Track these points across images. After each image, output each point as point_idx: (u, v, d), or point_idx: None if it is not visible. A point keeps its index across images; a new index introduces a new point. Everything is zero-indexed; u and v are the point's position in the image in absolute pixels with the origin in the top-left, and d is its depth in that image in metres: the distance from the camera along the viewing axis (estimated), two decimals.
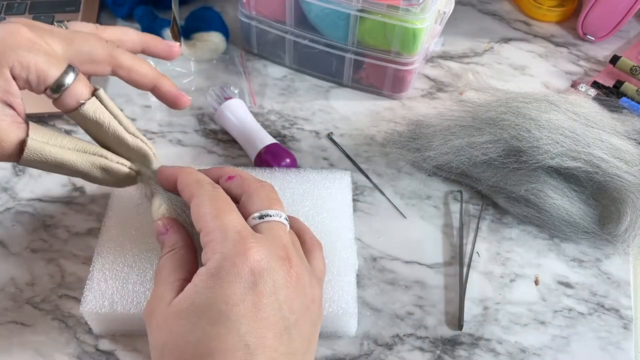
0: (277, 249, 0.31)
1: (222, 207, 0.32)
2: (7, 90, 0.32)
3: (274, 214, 0.33)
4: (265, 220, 0.32)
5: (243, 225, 0.31)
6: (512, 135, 0.47)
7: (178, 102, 0.40)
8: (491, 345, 0.43)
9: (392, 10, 0.51)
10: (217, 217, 0.31)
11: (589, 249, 0.49)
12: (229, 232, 0.30)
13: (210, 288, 0.29)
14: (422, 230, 0.49)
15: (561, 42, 0.67)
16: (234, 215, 0.31)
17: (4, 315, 0.43)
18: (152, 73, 0.39)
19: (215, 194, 0.33)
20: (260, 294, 0.29)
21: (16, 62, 0.32)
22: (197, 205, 0.32)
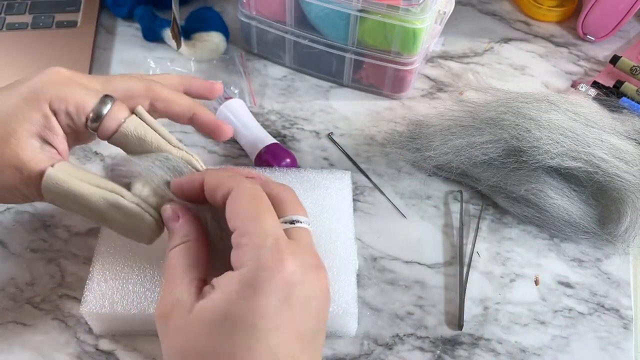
0: (310, 258, 0.30)
1: (261, 207, 0.30)
2: (45, 126, 0.33)
3: (303, 220, 0.32)
4: (296, 226, 0.31)
5: (280, 232, 0.30)
6: (512, 135, 0.47)
7: (219, 131, 0.39)
8: (491, 345, 0.43)
9: (392, 10, 0.51)
10: (255, 220, 0.29)
11: (589, 249, 0.49)
12: (267, 239, 0.29)
13: (245, 299, 0.27)
14: (422, 230, 0.49)
15: (561, 42, 0.67)
16: (273, 219, 0.30)
17: (4, 315, 0.43)
18: (190, 103, 0.39)
19: (254, 190, 0.31)
20: (294, 306, 0.28)
21: (54, 96, 0.33)
22: (235, 201, 0.30)
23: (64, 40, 0.62)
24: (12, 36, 0.63)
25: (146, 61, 0.62)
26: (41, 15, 0.64)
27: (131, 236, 0.34)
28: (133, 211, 0.33)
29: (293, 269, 0.28)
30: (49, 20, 0.64)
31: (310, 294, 0.29)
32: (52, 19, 0.64)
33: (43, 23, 0.64)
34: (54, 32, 0.63)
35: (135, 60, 0.62)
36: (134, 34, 0.65)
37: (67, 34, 0.63)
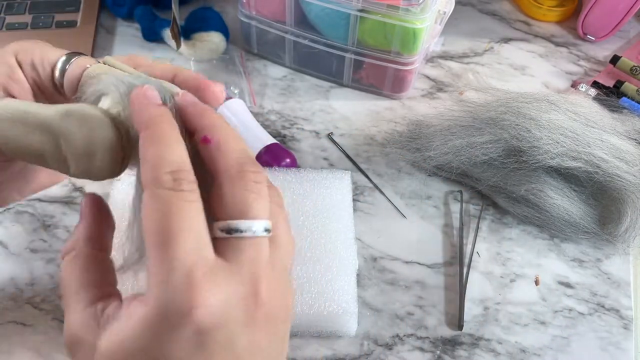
0: (242, 286, 0.23)
1: (175, 224, 0.22)
2: (9, 76, 0.30)
3: (246, 227, 0.24)
4: (234, 236, 0.24)
5: (198, 256, 0.23)
6: (513, 135, 0.47)
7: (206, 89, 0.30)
8: (491, 346, 0.43)
9: (392, 10, 0.51)
10: (163, 244, 0.22)
11: (589, 249, 0.49)
12: (175, 272, 0.22)
13: (147, 345, 0.22)
14: (422, 231, 0.49)
15: (561, 42, 0.67)
16: (189, 240, 0.23)
17: (4, 315, 0.43)
18: (171, 66, 0.32)
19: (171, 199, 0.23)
20: (211, 353, 0.23)
21: (21, 49, 0.31)
22: (144, 212, 0.23)
23: (63, 40, 0.62)
24: (11, 36, 0.63)
25: None
26: (41, 15, 0.64)
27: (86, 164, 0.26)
28: (92, 115, 0.26)
29: (207, 312, 0.22)
30: (49, 20, 0.64)
31: (235, 332, 0.23)
32: (52, 18, 0.64)
33: (43, 23, 0.64)
34: (53, 32, 0.63)
35: None
36: (134, 34, 0.65)
37: (66, 34, 0.63)
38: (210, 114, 0.26)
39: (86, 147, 0.26)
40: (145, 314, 0.22)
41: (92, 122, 0.26)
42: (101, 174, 0.26)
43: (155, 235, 0.23)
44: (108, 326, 0.24)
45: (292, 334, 0.42)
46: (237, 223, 0.24)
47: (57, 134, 0.26)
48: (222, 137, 0.26)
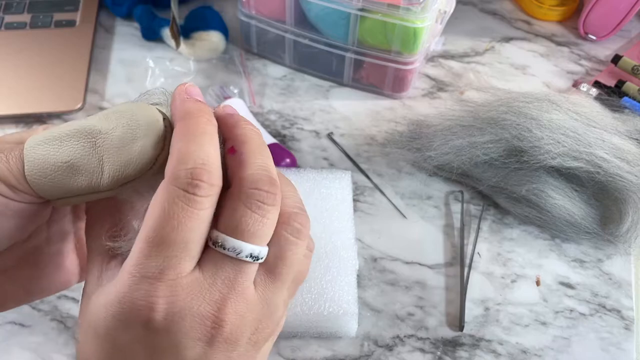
0: (204, 307, 0.23)
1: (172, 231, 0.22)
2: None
3: (230, 246, 0.23)
4: (217, 249, 0.23)
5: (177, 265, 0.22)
6: (514, 135, 0.47)
7: None
8: (492, 346, 0.43)
9: (393, 9, 0.51)
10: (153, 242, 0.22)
11: (590, 249, 0.48)
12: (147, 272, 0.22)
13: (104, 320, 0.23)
14: (422, 231, 0.49)
15: (562, 42, 0.66)
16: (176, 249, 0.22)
17: (2, 316, 0.43)
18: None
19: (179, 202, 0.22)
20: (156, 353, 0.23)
21: None
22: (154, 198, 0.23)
23: (62, 40, 0.62)
24: (10, 35, 0.62)
25: (145, 61, 0.61)
26: (40, 15, 0.64)
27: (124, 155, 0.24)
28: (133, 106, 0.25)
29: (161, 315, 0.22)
30: (48, 20, 0.64)
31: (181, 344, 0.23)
32: (51, 18, 0.64)
33: (42, 22, 0.63)
34: (52, 31, 0.63)
35: (134, 60, 0.62)
36: (133, 33, 0.65)
37: (65, 34, 0.63)
38: (244, 125, 0.26)
39: (126, 135, 0.24)
40: (110, 291, 0.23)
41: (133, 110, 0.25)
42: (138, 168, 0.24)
43: (149, 231, 0.22)
44: (101, 286, 0.24)
45: (292, 334, 0.42)
46: (223, 238, 0.23)
47: (94, 133, 0.24)
48: (248, 149, 0.24)
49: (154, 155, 0.24)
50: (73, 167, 0.24)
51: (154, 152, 0.24)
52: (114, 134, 0.24)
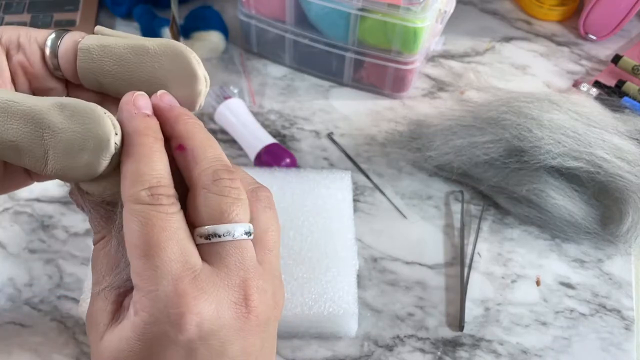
0: (231, 290, 0.24)
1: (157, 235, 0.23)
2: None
3: (224, 231, 0.24)
4: (213, 241, 0.24)
5: (184, 264, 0.23)
6: (514, 135, 0.47)
7: None
8: (492, 347, 0.43)
9: (393, 9, 0.51)
10: (147, 255, 0.22)
11: (590, 249, 0.48)
12: (161, 282, 0.22)
13: (137, 354, 0.23)
14: (423, 231, 0.49)
15: (563, 42, 0.66)
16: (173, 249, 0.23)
17: (2, 316, 0.43)
18: None
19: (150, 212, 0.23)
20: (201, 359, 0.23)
21: (3, 34, 0.28)
22: (126, 226, 0.23)
23: None
24: None
25: None
26: (39, 15, 0.64)
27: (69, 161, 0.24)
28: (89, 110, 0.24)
29: (198, 320, 0.22)
30: (48, 20, 0.64)
31: (228, 338, 0.23)
32: (51, 18, 0.64)
33: (41, 22, 0.63)
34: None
35: None
36: (133, 33, 0.64)
37: None
38: (185, 120, 0.26)
39: (74, 143, 0.23)
40: (135, 324, 0.23)
41: (87, 117, 0.24)
42: (82, 174, 0.24)
43: (138, 248, 0.23)
44: (114, 323, 0.24)
45: (292, 334, 0.42)
46: (214, 228, 0.24)
47: (43, 125, 0.24)
48: (197, 144, 0.25)
49: (98, 171, 0.24)
50: (18, 148, 0.24)
51: (99, 169, 0.24)
52: (62, 136, 0.24)
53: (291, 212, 0.45)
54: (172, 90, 0.27)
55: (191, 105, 0.27)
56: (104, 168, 0.24)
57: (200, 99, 0.27)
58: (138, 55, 0.26)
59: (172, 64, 0.26)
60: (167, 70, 0.26)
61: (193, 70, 0.26)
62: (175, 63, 0.26)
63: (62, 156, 0.24)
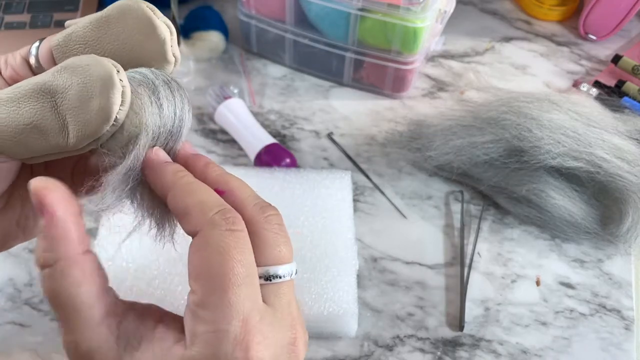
0: (286, 334, 0.24)
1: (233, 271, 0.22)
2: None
3: (285, 272, 0.24)
4: (273, 282, 0.24)
5: (254, 302, 0.23)
6: (514, 135, 0.47)
7: None
8: (492, 347, 0.43)
9: (393, 9, 0.51)
10: (223, 289, 0.22)
11: (590, 249, 0.48)
12: (233, 320, 0.22)
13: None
14: (422, 231, 0.49)
15: (563, 42, 0.66)
16: (248, 286, 0.22)
17: (2, 316, 0.43)
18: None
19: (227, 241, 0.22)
20: None
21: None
22: (199, 252, 0.23)
23: None
24: (10, 35, 0.62)
25: None
26: (39, 15, 0.64)
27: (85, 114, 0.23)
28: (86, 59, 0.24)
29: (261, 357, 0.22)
30: (48, 20, 0.64)
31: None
32: (51, 18, 0.64)
33: (41, 22, 0.63)
34: (52, 31, 0.63)
35: None
36: None
37: None
38: (213, 165, 0.26)
39: (83, 93, 0.23)
40: (191, 357, 0.22)
41: (86, 65, 0.23)
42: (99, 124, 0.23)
43: (211, 282, 0.22)
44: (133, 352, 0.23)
45: None
46: (276, 269, 0.24)
47: (51, 92, 0.23)
48: (235, 185, 0.25)
49: (113, 112, 0.23)
50: (37, 128, 0.24)
51: (113, 109, 0.23)
52: (70, 93, 0.23)
53: (291, 212, 0.45)
54: (141, 47, 0.26)
55: (163, 56, 0.26)
56: (117, 107, 0.23)
57: (168, 47, 0.26)
58: (99, 29, 0.26)
59: (129, 22, 0.26)
60: (129, 30, 0.25)
61: (148, 20, 0.26)
62: (132, 19, 0.26)
63: (77, 113, 0.23)
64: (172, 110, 0.26)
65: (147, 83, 0.25)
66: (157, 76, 0.26)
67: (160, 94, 0.25)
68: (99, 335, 0.23)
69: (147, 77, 0.25)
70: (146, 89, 0.25)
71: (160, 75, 0.26)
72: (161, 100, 0.25)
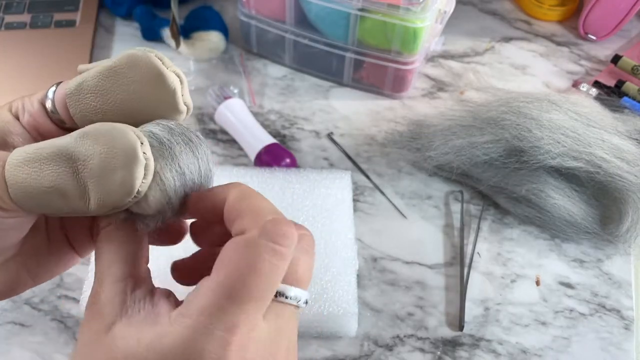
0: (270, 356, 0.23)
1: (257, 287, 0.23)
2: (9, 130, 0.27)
3: (293, 296, 0.24)
4: (279, 300, 0.24)
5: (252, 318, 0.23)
6: (513, 135, 0.47)
7: None
8: (492, 346, 0.43)
9: (393, 9, 0.51)
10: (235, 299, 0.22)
11: (590, 249, 0.48)
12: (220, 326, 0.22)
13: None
14: (422, 231, 0.49)
15: (562, 42, 0.66)
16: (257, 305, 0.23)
17: (2, 316, 0.43)
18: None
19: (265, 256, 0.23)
20: None
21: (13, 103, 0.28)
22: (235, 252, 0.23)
23: (62, 40, 0.62)
24: (10, 35, 0.62)
25: None
26: (40, 15, 0.64)
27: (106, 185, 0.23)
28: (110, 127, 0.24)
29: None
30: (48, 20, 0.64)
31: None
32: (51, 18, 0.64)
33: (42, 22, 0.63)
34: (52, 31, 0.63)
35: None
36: (133, 33, 0.65)
37: (65, 34, 0.63)
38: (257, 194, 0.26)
39: (105, 164, 0.23)
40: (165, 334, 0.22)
41: (109, 136, 0.23)
42: (121, 195, 0.23)
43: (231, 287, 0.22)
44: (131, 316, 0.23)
45: None
46: (287, 288, 0.24)
47: (73, 158, 0.23)
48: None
49: (135, 186, 0.23)
50: (58, 191, 0.24)
51: (136, 183, 0.23)
52: (93, 162, 0.23)
53: (291, 212, 0.45)
54: (152, 97, 0.25)
55: (175, 107, 0.26)
56: (140, 182, 0.23)
57: (179, 98, 0.26)
58: (108, 79, 0.25)
59: (138, 72, 0.25)
60: (138, 81, 0.25)
61: (157, 70, 0.25)
62: (141, 70, 0.25)
63: (99, 183, 0.23)
64: (197, 172, 0.26)
65: (166, 149, 0.25)
66: (174, 136, 0.25)
67: (181, 162, 0.25)
68: (110, 291, 0.24)
69: (164, 143, 0.25)
70: (167, 158, 0.25)
71: (179, 136, 0.25)
72: (183, 169, 0.25)
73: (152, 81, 0.25)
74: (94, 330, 0.23)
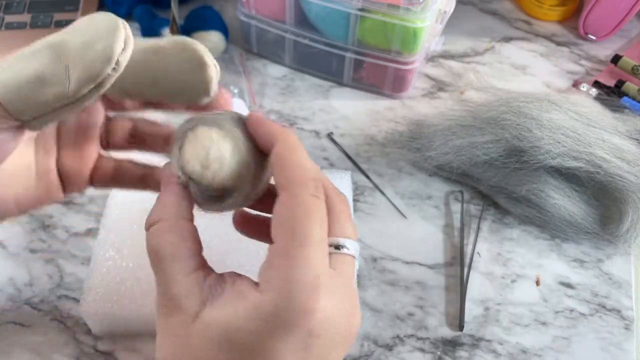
0: (346, 301, 0.25)
1: (314, 232, 0.25)
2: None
3: (350, 245, 0.27)
4: (339, 252, 0.26)
5: (323, 265, 0.25)
6: (514, 135, 0.47)
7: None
8: (492, 346, 0.43)
9: (393, 9, 0.51)
10: (301, 246, 0.24)
11: (590, 249, 0.48)
12: (307, 271, 0.24)
13: (255, 333, 0.24)
14: (422, 231, 0.49)
15: (562, 42, 0.66)
16: (321, 247, 0.25)
17: (2, 316, 0.43)
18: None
19: (315, 204, 0.25)
20: (310, 357, 0.24)
21: None
22: (287, 207, 0.25)
23: None
24: (10, 35, 0.62)
25: None
26: (40, 15, 0.64)
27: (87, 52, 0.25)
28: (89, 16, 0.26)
29: (323, 316, 0.24)
30: (48, 20, 0.64)
31: (332, 345, 0.25)
32: (51, 18, 0.64)
33: (42, 22, 0.63)
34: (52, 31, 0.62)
35: None
36: (133, 33, 0.64)
37: None
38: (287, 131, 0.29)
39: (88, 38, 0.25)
40: (261, 302, 0.24)
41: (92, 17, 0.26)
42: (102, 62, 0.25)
43: (293, 234, 0.24)
44: (214, 300, 0.25)
45: None
46: (344, 240, 0.27)
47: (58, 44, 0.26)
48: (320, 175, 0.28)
49: (115, 54, 0.25)
50: (41, 79, 0.25)
51: (116, 50, 0.25)
52: (76, 41, 0.25)
53: None
54: (187, 78, 0.29)
55: (205, 90, 0.29)
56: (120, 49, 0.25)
57: (213, 85, 0.30)
58: (154, 53, 0.29)
59: (183, 55, 0.29)
60: (181, 63, 0.29)
61: (202, 59, 0.29)
62: (187, 53, 0.29)
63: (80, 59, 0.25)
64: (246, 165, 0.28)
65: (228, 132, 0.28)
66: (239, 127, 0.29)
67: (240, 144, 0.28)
68: (186, 284, 0.25)
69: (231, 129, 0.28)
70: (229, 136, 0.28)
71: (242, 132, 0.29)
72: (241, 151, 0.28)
73: (193, 65, 0.29)
74: (178, 324, 0.25)
